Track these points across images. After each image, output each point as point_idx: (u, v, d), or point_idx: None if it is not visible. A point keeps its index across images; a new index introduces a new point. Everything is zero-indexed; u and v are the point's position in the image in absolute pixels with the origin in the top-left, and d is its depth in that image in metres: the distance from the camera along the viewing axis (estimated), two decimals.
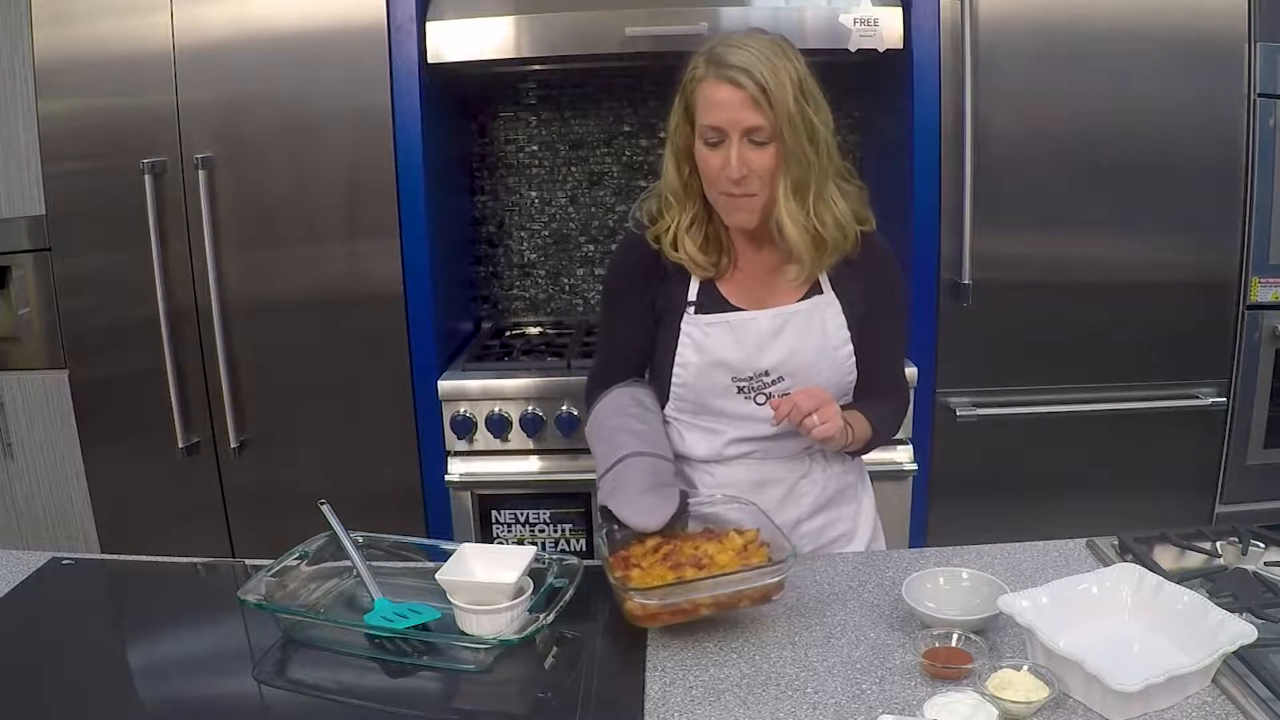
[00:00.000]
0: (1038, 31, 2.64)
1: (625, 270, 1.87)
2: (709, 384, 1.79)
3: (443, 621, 1.52)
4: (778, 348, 1.76)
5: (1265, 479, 2.87)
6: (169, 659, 1.52)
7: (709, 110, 1.64)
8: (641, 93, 3.23)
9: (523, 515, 2.73)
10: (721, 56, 1.63)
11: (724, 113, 1.62)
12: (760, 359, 1.76)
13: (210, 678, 1.47)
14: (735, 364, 1.77)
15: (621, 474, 1.69)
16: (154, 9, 2.55)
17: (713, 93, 1.63)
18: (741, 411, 1.80)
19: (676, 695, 1.35)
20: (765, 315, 1.77)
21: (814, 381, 1.77)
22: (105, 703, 1.40)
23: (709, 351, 1.77)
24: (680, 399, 1.83)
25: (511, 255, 3.36)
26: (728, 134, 1.63)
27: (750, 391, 1.78)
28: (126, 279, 2.63)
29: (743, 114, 1.62)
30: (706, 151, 1.67)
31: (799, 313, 1.78)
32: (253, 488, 2.73)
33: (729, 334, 1.77)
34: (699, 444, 1.84)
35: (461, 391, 2.69)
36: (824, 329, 1.78)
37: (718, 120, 1.63)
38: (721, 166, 1.65)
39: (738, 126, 1.62)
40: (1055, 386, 2.77)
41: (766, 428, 1.78)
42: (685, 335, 1.78)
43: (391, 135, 2.60)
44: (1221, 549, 1.73)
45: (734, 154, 1.63)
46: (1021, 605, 1.39)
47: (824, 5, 2.60)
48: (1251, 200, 2.72)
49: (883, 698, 1.33)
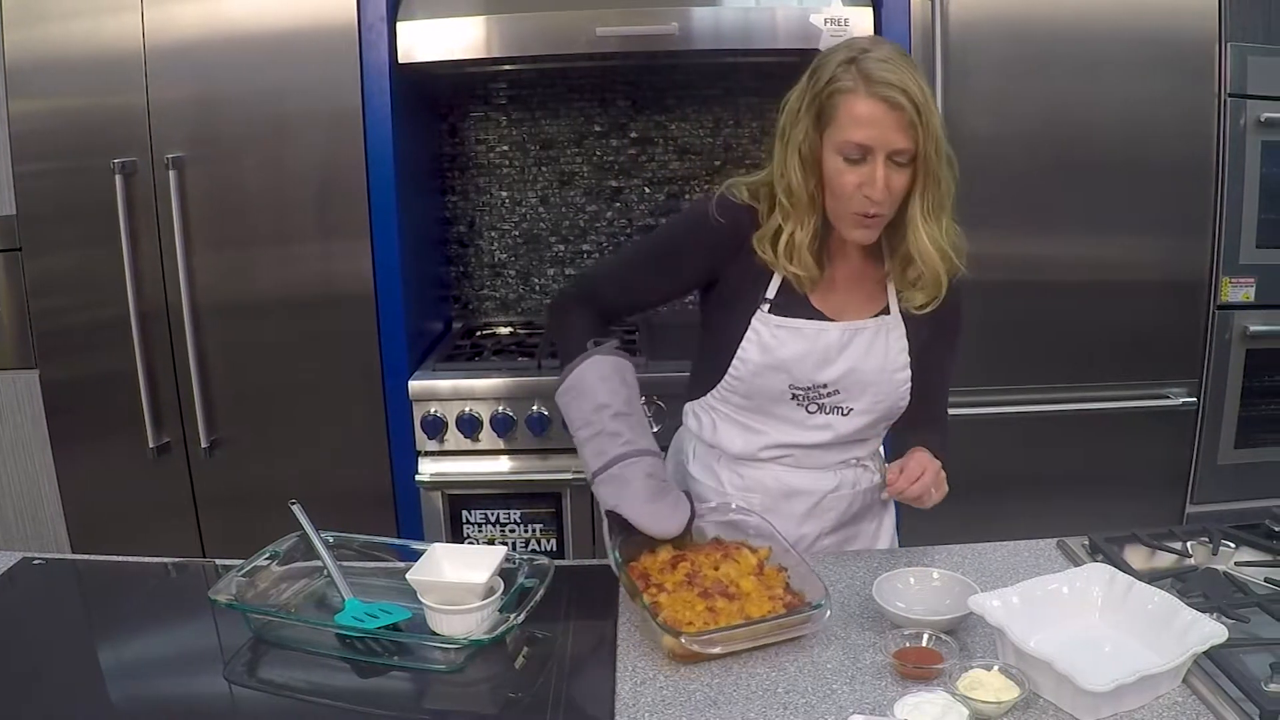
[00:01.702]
0: (1008, 32, 2.65)
1: (709, 229, 1.74)
2: (765, 386, 1.75)
3: (413, 621, 1.53)
4: (841, 362, 1.74)
5: (1236, 479, 2.89)
6: (140, 659, 1.52)
7: (857, 127, 1.57)
8: (612, 93, 3.24)
9: (493, 515, 2.73)
10: (871, 70, 1.56)
11: (875, 132, 1.56)
12: (822, 371, 1.73)
13: (181, 678, 1.47)
14: (797, 372, 1.73)
15: (622, 476, 1.64)
16: (125, 9, 2.54)
17: (864, 110, 1.56)
18: (790, 417, 1.78)
19: (647, 696, 1.36)
20: (837, 328, 1.73)
21: (868, 399, 1.76)
22: (76, 703, 1.40)
23: (773, 354, 1.73)
24: (731, 391, 1.79)
25: (482, 255, 3.36)
26: (873, 153, 1.58)
27: (805, 400, 1.76)
28: (97, 279, 2.62)
29: (894, 135, 1.56)
30: (843, 166, 1.60)
31: (866, 329, 1.74)
32: (223, 488, 2.73)
33: (799, 341, 1.73)
34: (735, 440, 1.82)
35: (432, 391, 2.69)
36: (886, 349, 1.75)
37: (866, 139, 1.57)
38: (858, 185, 1.59)
39: (887, 147, 1.57)
40: (1025, 386, 2.77)
41: (808, 435, 1.78)
42: (753, 331, 1.74)
43: (362, 135, 2.59)
44: (1192, 549, 1.74)
45: (879, 175, 1.57)
46: (992, 605, 1.40)
47: (794, 5, 2.60)
48: (1222, 200, 2.73)
49: (853, 698, 1.34)
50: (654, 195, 3.32)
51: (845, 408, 1.76)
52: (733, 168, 3.27)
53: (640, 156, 3.29)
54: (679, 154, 3.29)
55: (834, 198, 1.64)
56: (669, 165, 3.30)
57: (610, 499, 1.63)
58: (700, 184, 3.30)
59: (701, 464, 1.89)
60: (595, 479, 1.67)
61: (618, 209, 3.33)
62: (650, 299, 1.91)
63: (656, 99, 3.25)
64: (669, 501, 1.63)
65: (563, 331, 1.84)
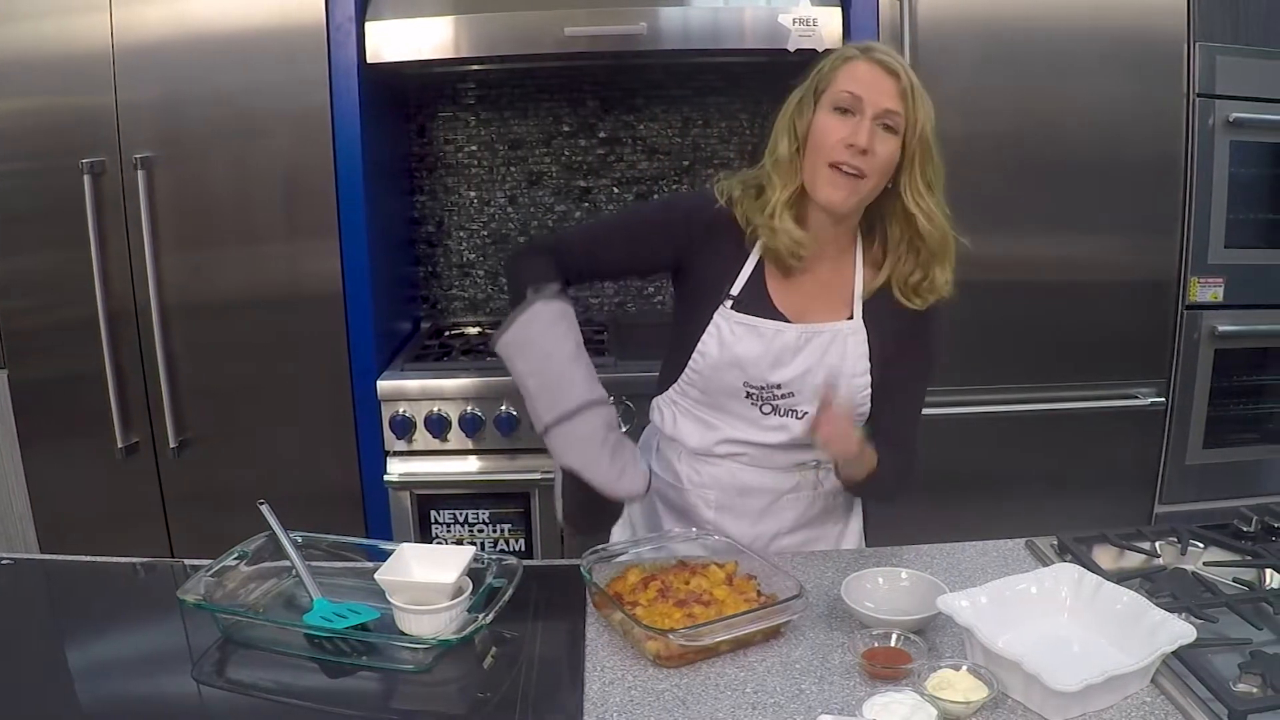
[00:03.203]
0: (977, 32, 2.65)
1: (685, 220, 1.78)
2: (721, 381, 1.76)
3: (382, 621, 1.52)
4: (795, 364, 1.73)
5: (1204, 479, 2.89)
6: (108, 659, 1.51)
7: (853, 81, 1.62)
8: (580, 92, 3.24)
9: (462, 515, 2.73)
10: (872, 47, 1.64)
11: (869, 88, 1.61)
12: (776, 372, 1.73)
13: (149, 678, 1.47)
14: (751, 371, 1.74)
15: (578, 432, 1.58)
16: (93, 9, 2.53)
17: (861, 70, 1.62)
18: (745, 415, 1.77)
19: (616, 695, 1.36)
20: (794, 330, 1.73)
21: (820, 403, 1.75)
22: (44, 703, 1.40)
23: (730, 350, 1.73)
24: (689, 384, 1.79)
25: (450, 255, 3.36)
26: (864, 107, 1.61)
27: (758, 400, 1.75)
28: (66, 279, 2.62)
29: (885, 96, 1.60)
30: (831, 117, 1.63)
31: (823, 333, 1.74)
32: (192, 488, 2.73)
33: (755, 339, 1.73)
34: (693, 434, 1.82)
35: (400, 391, 2.69)
36: (844, 355, 1.74)
37: (859, 90, 1.61)
38: (842, 136, 1.61)
39: (877, 105, 1.60)
40: (994, 386, 2.77)
41: (763, 435, 1.77)
42: (713, 326, 1.74)
43: (331, 135, 2.60)
44: (1161, 549, 1.74)
45: (865, 126, 1.60)
46: (960, 605, 1.39)
47: (763, 5, 2.61)
48: (1190, 200, 2.73)
49: (822, 698, 1.34)
50: (622, 195, 3.32)
51: (799, 410, 1.75)
52: (701, 167, 3.28)
53: (609, 156, 3.30)
54: (647, 154, 3.30)
55: (815, 150, 1.64)
56: (637, 165, 3.30)
57: (567, 456, 1.58)
58: (669, 184, 3.30)
59: (662, 458, 1.89)
60: (549, 431, 1.60)
61: (586, 209, 3.33)
62: (609, 267, 1.90)
63: (625, 99, 3.25)
64: (628, 458, 1.59)
65: (515, 276, 1.78)
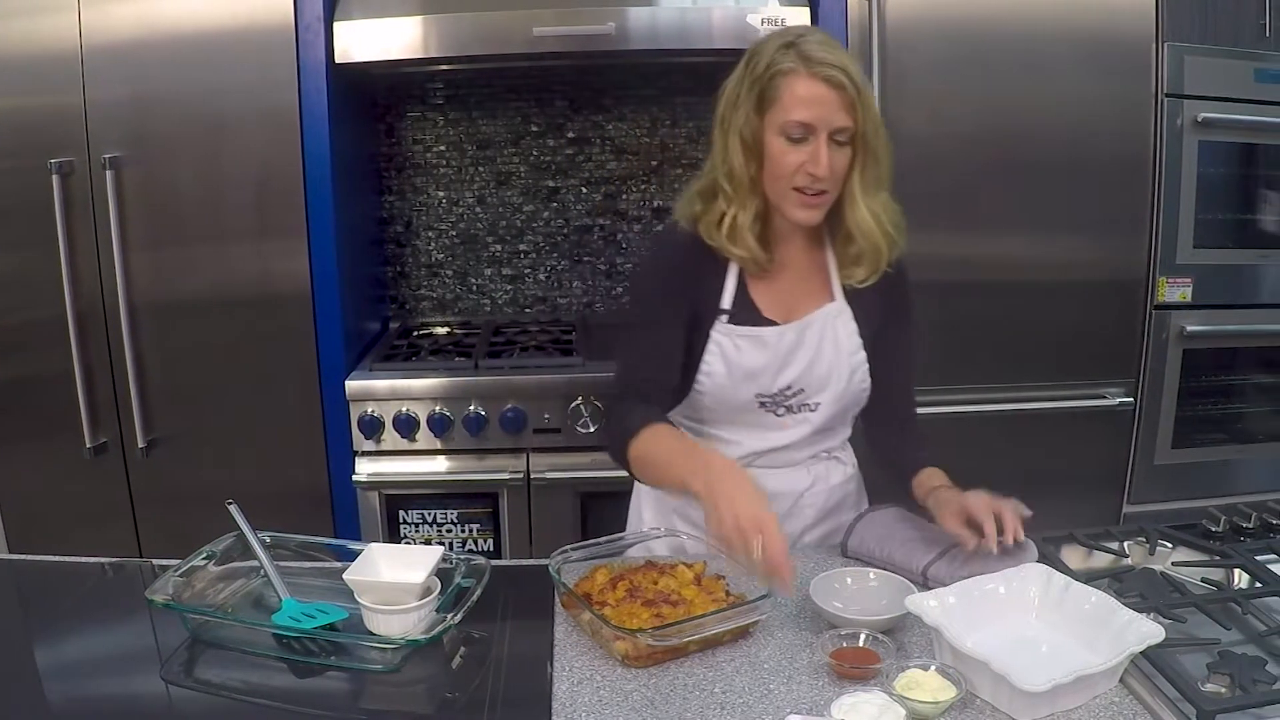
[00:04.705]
0: (945, 32, 2.65)
1: (666, 270, 1.80)
2: (734, 397, 1.75)
3: (350, 621, 1.52)
4: (798, 361, 1.74)
5: (1172, 479, 2.89)
6: (76, 659, 1.51)
7: (799, 107, 1.59)
8: (549, 92, 3.24)
9: (430, 515, 2.73)
10: (810, 52, 1.59)
11: (817, 111, 1.59)
12: (783, 374, 1.74)
13: (118, 677, 1.47)
14: (763, 379, 1.74)
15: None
16: (61, 8, 2.53)
17: (806, 90, 1.59)
18: (761, 423, 1.78)
19: (584, 695, 1.35)
20: (792, 328, 1.74)
21: (831, 390, 1.76)
22: (11, 703, 1.39)
23: (738, 365, 1.73)
24: (698, 406, 1.79)
25: (419, 255, 3.36)
26: (815, 132, 1.60)
27: (772, 406, 1.76)
28: (34, 279, 2.61)
29: (836, 114, 1.59)
30: (785, 147, 1.62)
31: (814, 323, 1.75)
32: (160, 488, 2.72)
33: (759, 349, 1.73)
34: None
35: (369, 391, 2.69)
36: (837, 338, 1.76)
37: (808, 118, 1.59)
38: (801, 164, 1.61)
39: (829, 126, 1.59)
40: (962, 386, 2.77)
41: (782, 437, 1.78)
42: (714, 344, 1.74)
43: (299, 135, 2.60)
44: (1129, 549, 1.74)
45: (823, 153, 1.60)
46: (929, 605, 1.39)
47: (731, 5, 2.61)
48: (1159, 200, 2.74)
49: (790, 698, 1.33)
50: (591, 195, 3.32)
51: (813, 404, 1.77)
52: (669, 167, 3.28)
53: (577, 156, 3.30)
54: (616, 154, 3.30)
55: (776, 178, 1.65)
56: (606, 165, 3.30)
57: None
58: (637, 184, 3.31)
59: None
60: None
61: (555, 209, 3.33)
62: (679, 352, 1.77)
63: (594, 99, 3.25)
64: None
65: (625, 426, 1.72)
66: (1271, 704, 1.25)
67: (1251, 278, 2.86)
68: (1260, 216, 2.86)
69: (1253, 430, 2.98)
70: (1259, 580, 1.58)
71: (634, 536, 1.77)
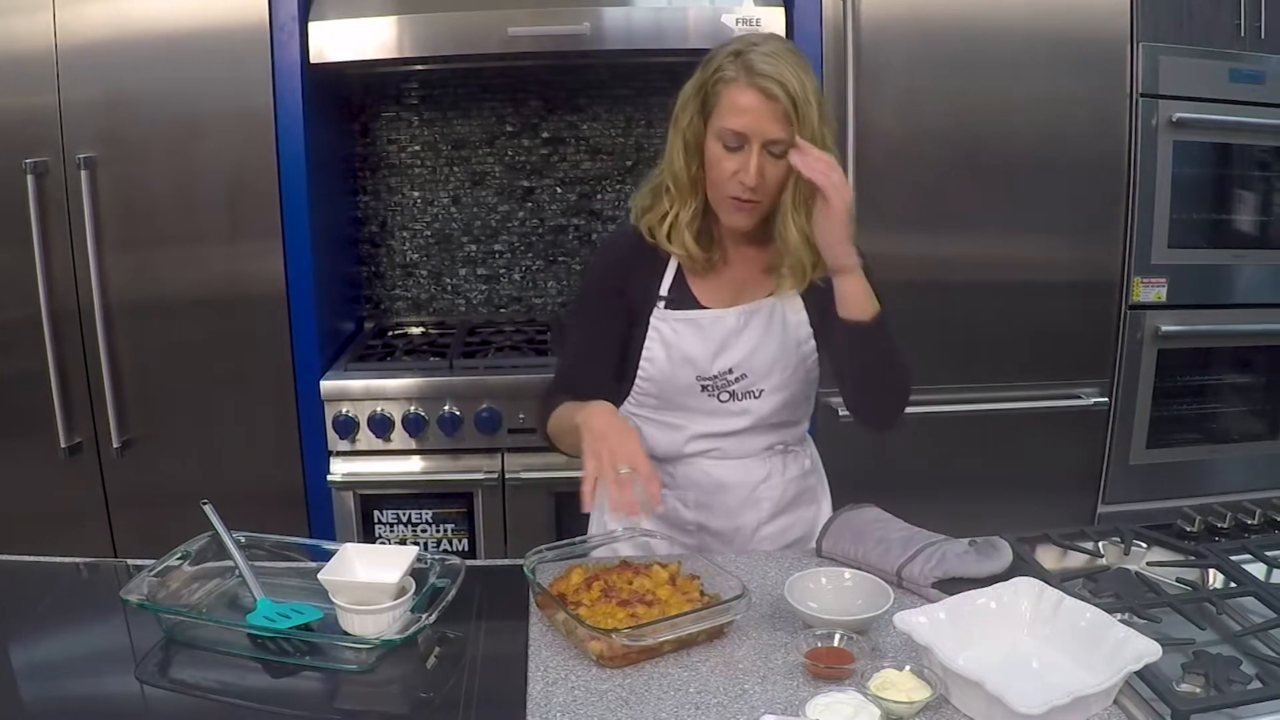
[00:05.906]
0: (920, 31, 2.66)
1: (603, 267, 1.88)
2: (675, 381, 1.79)
3: (325, 621, 1.52)
4: (740, 345, 1.77)
5: (1147, 479, 2.90)
6: (51, 659, 1.50)
7: (734, 115, 1.62)
8: (523, 92, 3.25)
9: (405, 515, 2.73)
10: (753, 63, 1.60)
11: (750, 120, 1.61)
12: (724, 357, 1.76)
13: (92, 678, 1.47)
14: (700, 362, 1.77)
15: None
16: (36, 8, 2.52)
17: (741, 98, 1.61)
18: (704, 407, 1.80)
19: (559, 695, 1.35)
20: (732, 313, 1.77)
21: (775, 378, 1.78)
22: None
23: (676, 349, 1.77)
24: (644, 394, 1.82)
25: (394, 255, 3.36)
26: (749, 141, 1.62)
27: (714, 389, 1.78)
28: (8, 279, 2.61)
29: (769, 125, 1.60)
30: (721, 153, 1.65)
31: (760, 310, 1.77)
32: (135, 488, 2.72)
33: (696, 332, 1.77)
34: (659, 440, 1.83)
35: (344, 391, 2.69)
36: (784, 325, 1.78)
37: (741, 126, 1.61)
38: (735, 171, 1.64)
39: (761, 136, 1.61)
40: (937, 386, 2.77)
41: (727, 423, 1.80)
42: (654, 330, 1.78)
43: (274, 135, 2.60)
44: (1104, 549, 1.74)
45: (753, 163, 1.62)
46: (919, 622, 1.36)
47: (706, 5, 2.62)
48: (1134, 200, 2.74)
49: (765, 698, 1.33)
50: (566, 195, 3.33)
51: (756, 390, 1.79)
52: (644, 167, 3.26)
53: (552, 156, 3.30)
54: (591, 154, 3.30)
55: (713, 184, 1.69)
56: (581, 165, 3.31)
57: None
58: (612, 183, 3.31)
59: None
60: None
61: (530, 209, 3.33)
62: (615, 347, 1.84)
63: (568, 99, 3.26)
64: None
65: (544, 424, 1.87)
66: (1246, 704, 1.25)
67: (1226, 278, 2.87)
68: (1235, 216, 2.87)
69: (1227, 430, 2.99)
70: (1233, 580, 1.58)
71: (604, 538, 1.77)
